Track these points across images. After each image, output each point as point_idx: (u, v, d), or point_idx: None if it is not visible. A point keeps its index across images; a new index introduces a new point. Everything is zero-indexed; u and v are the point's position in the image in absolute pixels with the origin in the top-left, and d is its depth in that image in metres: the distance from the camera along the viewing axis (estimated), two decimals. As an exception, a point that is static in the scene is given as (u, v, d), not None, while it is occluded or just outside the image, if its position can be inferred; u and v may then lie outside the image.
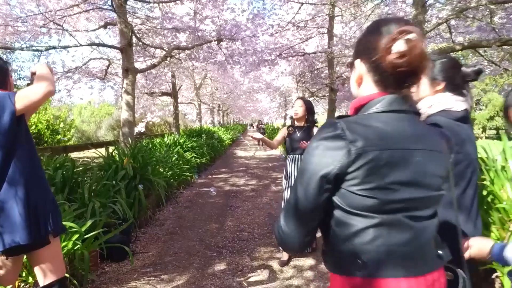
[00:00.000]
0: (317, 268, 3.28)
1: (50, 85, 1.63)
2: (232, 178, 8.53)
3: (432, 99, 1.54)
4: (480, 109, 33.18)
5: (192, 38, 8.96)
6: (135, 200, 4.28)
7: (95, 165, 4.63)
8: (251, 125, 71.94)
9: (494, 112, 27.83)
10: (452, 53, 6.80)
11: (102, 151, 5.66)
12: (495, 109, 28.35)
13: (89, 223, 2.62)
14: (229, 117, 43.30)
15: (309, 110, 3.49)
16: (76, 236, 2.51)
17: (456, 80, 1.55)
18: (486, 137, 30.99)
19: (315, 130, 3.44)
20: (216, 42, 9.33)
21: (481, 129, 33.96)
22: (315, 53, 10.24)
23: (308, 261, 3.42)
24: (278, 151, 16.45)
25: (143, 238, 4.10)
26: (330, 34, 9.74)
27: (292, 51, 10.50)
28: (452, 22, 6.83)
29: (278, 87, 19.52)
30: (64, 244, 2.45)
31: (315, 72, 11.25)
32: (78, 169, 4.18)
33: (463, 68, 1.57)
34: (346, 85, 9.58)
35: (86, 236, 2.59)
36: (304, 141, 3.26)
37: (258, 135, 3.24)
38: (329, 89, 9.59)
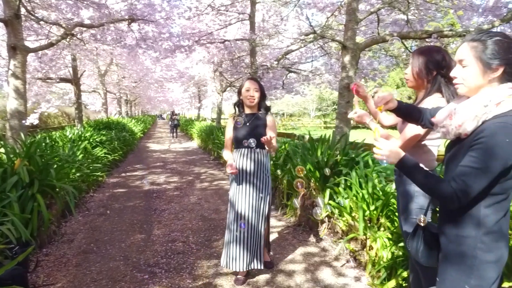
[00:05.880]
0: (281, 283, 2.82)
1: None
2: (150, 176, 7.64)
3: (495, 92, 1.17)
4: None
5: (98, 15, 7.72)
6: (33, 213, 3.29)
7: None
8: (161, 116, 68.96)
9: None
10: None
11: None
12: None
13: (-38, 264, 1.74)
14: (137, 108, 40.69)
15: (263, 94, 2.90)
16: None
17: None
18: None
19: (268, 118, 2.85)
20: (126, 23, 8.25)
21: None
22: (236, 40, 9.72)
23: (263, 276, 2.94)
24: (195, 144, 15.68)
25: (46, 263, 3.16)
26: (252, 21, 9.32)
27: (211, 38, 9.84)
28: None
29: (193, 76, 18.57)
30: None
31: (236, 60, 10.74)
32: None
33: None
34: (269, 73, 9.26)
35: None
36: (270, 135, 2.48)
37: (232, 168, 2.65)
38: (251, 79, 9.17)
